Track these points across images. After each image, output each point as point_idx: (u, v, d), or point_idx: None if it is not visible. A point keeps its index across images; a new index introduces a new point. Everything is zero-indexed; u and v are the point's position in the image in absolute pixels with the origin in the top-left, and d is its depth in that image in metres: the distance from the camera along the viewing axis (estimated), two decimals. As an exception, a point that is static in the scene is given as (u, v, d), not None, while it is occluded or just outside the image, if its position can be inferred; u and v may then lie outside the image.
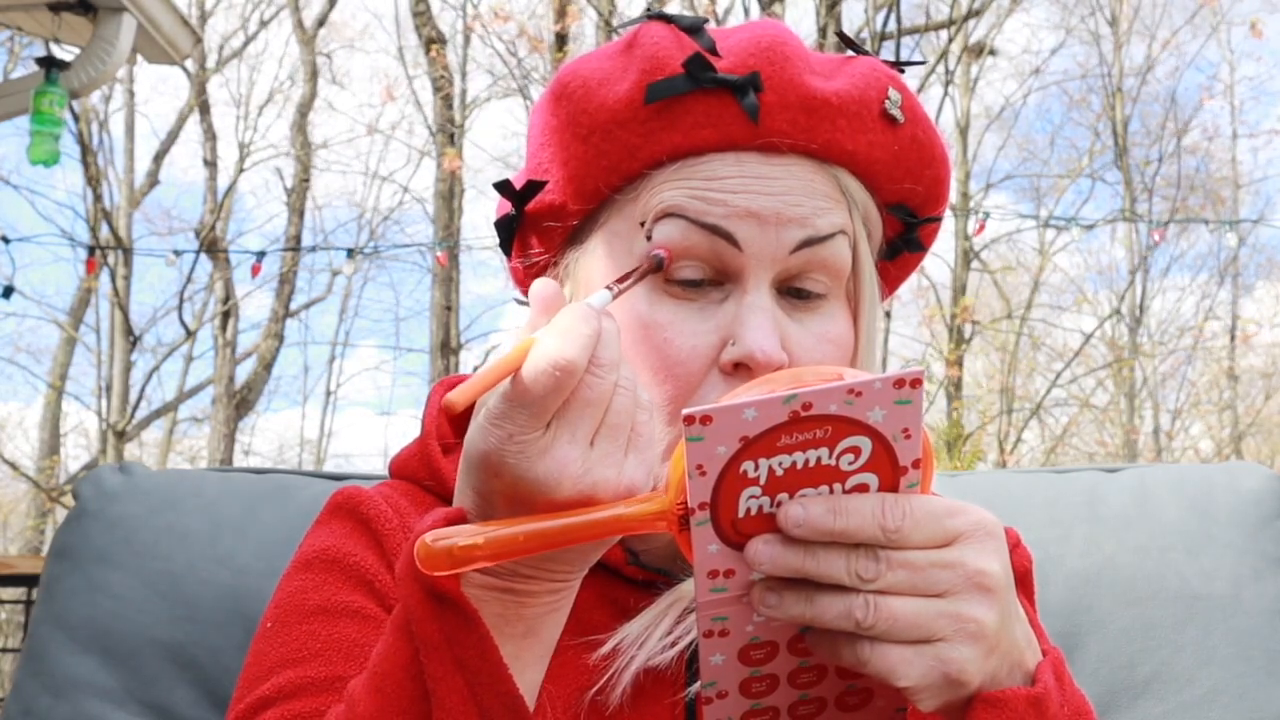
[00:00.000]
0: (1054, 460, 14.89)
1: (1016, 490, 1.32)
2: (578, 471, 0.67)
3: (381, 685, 0.72)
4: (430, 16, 12.84)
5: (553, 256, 0.95)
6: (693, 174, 0.86)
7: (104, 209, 13.14)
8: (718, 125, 0.86)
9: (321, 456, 16.85)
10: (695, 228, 0.85)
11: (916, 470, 0.67)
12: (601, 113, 0.88)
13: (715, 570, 0.68)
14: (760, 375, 0.81)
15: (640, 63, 0.87)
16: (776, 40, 0.87)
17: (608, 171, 0.88)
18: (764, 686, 0.72)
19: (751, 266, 0.85)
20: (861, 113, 0.88)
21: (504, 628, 0.71)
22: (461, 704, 0.70)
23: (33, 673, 1.16)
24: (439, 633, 0.70)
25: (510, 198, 0.94)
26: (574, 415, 0.67)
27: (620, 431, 0.69)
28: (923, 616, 0.66)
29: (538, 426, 0.67)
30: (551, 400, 0.66)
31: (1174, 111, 15.22)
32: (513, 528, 0.67)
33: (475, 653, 0.70)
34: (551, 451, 0.67)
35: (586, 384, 0.67)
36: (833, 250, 0.87)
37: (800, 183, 0.86)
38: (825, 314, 0.88)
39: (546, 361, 0.66)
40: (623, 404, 0.69)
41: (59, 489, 13.04)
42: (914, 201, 0.94)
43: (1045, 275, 15.26)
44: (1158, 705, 1.18)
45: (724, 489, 0.65)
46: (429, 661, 0.70)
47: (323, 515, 0.95)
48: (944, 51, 8.74)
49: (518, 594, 0.72)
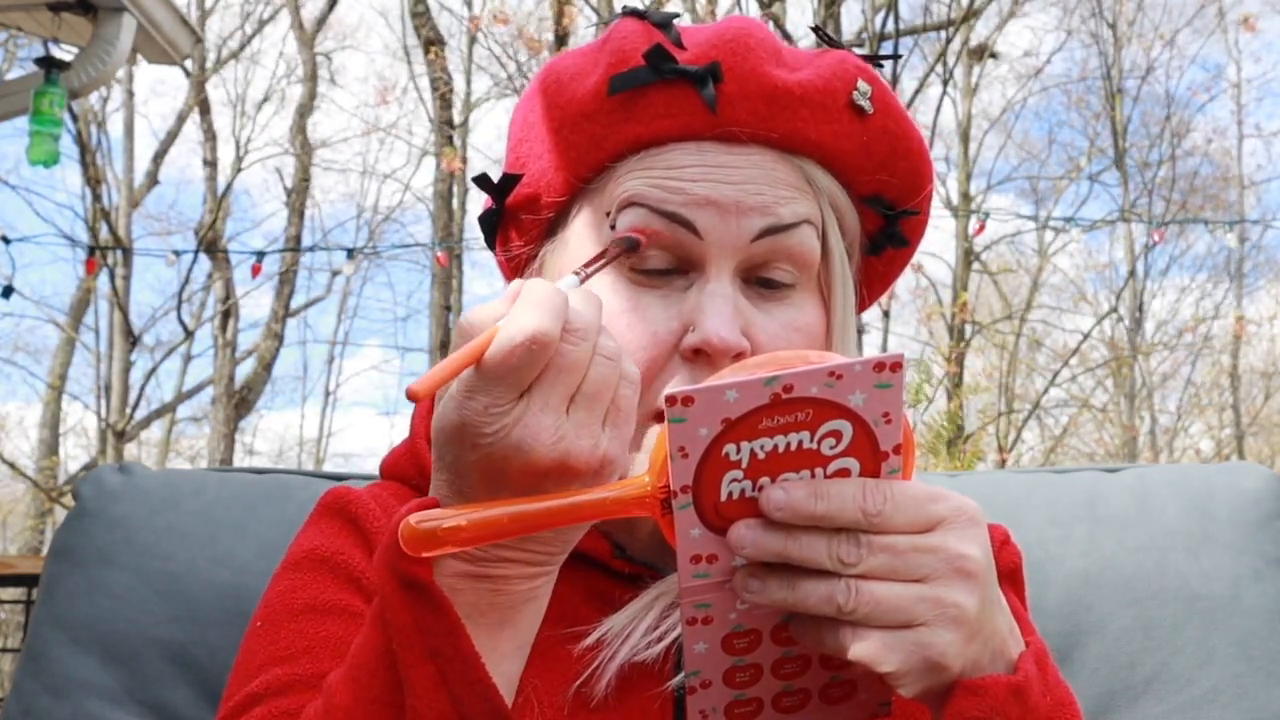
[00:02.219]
0: (1054, 460, 14.89)
1: (1016, 490, 1.32)
2: (550, 438, 0.68)
3: (357, 676, 0.72)
4: (429, 18, 12.84)
5: (532, 249, 0.96)
6: (654, 164, 0.87)
7: (103, 209, 13.13)
8: (678, 115, 0.87)
9: (321, 456, 16.85)
10: (656, 216, 0.86)
11: (898, 456, 0.68)
12: (571, 106, 0.90)
13: (698, 555, 0.68)
14: (719, 361, 0.83)
15: (608, 56, 0.89)
16: (741, 32, 0.88)
17: (576, 163, 0.90)
18: (747, 677, 0.72)
19: (713, 254, 0.86)
20: (826, 103, 0.88)
21: (478, 617, 0.72)
22: (433, 692, 0.70)
23: (33, 673, 1.16)
24: (410, 621, 0.70)
25: (490, 192, 0.96)
26: (548, 382, 0.68)
27: (598, 401, 0.70)
28: (904, 601, 0.66)
29: (513, 396, 0.68)
30: (527, 371, 0.67)
31: (1173, 112, 15.22)
32: (496, 509, 0.67)
33: (446, 641, 0.70)
34: (524, 419, 0.68)
35: (560, 351, 0.68)
36: (797, 239, 0.87)
37: (762, 172, 0.87)
38: (793, 304, 0.89)
39: (520, 332, 0.66)
40: (601, 374, 0.70)
41: (59, 489, 13.03)
42: (890, 194, 0.94)
43: (1045, 276, 15.28)
44: (1158, 705, 1.17)
45: (706, 472, 0.66)
46: (401, 650, 0.71)
47: (313, 515, 0.96)
48: (943, 52, 8.74)
49: (493, 580, 0.72)
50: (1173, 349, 15.80)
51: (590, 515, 0.69)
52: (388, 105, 15.30)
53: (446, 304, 12.81)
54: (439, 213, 13.21)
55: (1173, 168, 14.89)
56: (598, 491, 0.69)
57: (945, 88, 8.91)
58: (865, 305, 1.00)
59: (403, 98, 15.26)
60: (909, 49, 11.12)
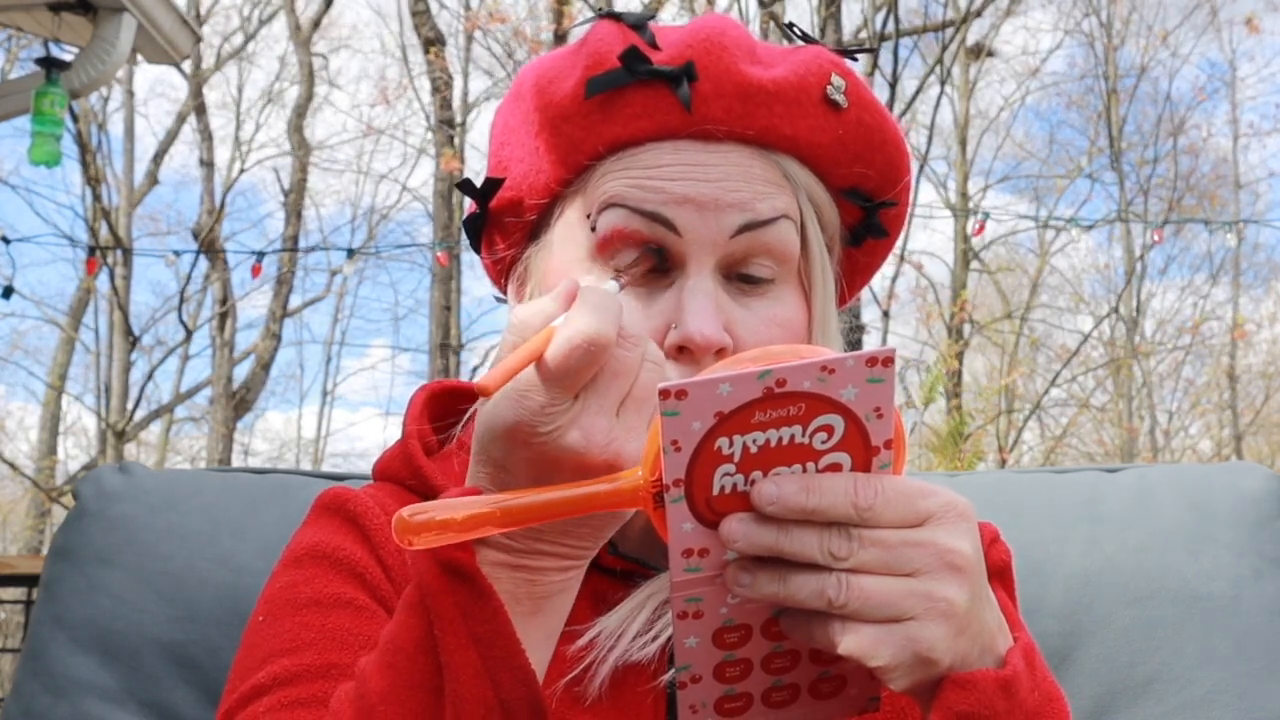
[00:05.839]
0: (1054, 460, 14.89)
1: (1016, 490, 1.32)
2: (604, 440, 0.70)
3: (393, 661, 0.73)
4: (429, 17, 12.84)
5: (516, 252, 0.97)
6: (633, 164, 0.88)
7: (103, 209, 13.13)
8: (654, 115, 0.88)
9: (320, 456, 16.85)
10: (636, 216, 0.87)
11: (889, 451, 0.68)
12: (550, 108, 0.91)
13: (690, 549, 0.68)
14: (702, 358, 0.84)
15: (585, 59, 0.90)
16: (715, 31, 0.89)
17: (555, 165, 0.91)
18: (738, 671, 0.73)
19: (693, 252, 0.87)
20: (800, 98, 0.89)
21: (514, 605, 0.73)
22: (475, 677, 0.71)
23: (33, 673, 1.16)
24: (454, 606, 0.71)
25: (474, 196, 0.97)
26: (603, 386, 0.70)
27: (646, 405, 0.72)
28: (894, 595, 0.67)
29: (568, 398, 0.69)
30: (585, 373, 0.69)
31: (1169, 112, 15.23)
32: (486, 500, 0.69)
33: (489, 627, 0.71)
34: (580, 420, 0.70)
35: (615, 356, 0.70)
36: (776, 234, 0.88)
37: (739, 169, 0.88)
38: (773, 298, 0.90)
39: (580, 336, 0.68)
40: (650, 379, 0.72)
41: (58, 489, 13.03)
42: (868, 186, 0.95)
43: (1044, 276, 15.28)
44: (1158, 705, 1.18)
45: (699, 466, 0.66)
46: (443, 635, 0.71)
47: (311, 515, 0.96)
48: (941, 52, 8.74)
49: (529, 570, 0.73)
50: (1171, 349, 15.81)
51: (583, 508, 0.69)
52: (389, 105, 15.30)
53: (446, 303, 12.81)
54: (438, 212, 13.21)
55: (1173, 166, 14.90)
56: (590, 485, 0.69)
57: (943, 87, 8.91)
58: (849, 296, 1.01)
59: (403, 95, 15.22)
60: (908, 49, 11.13)
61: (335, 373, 19.93)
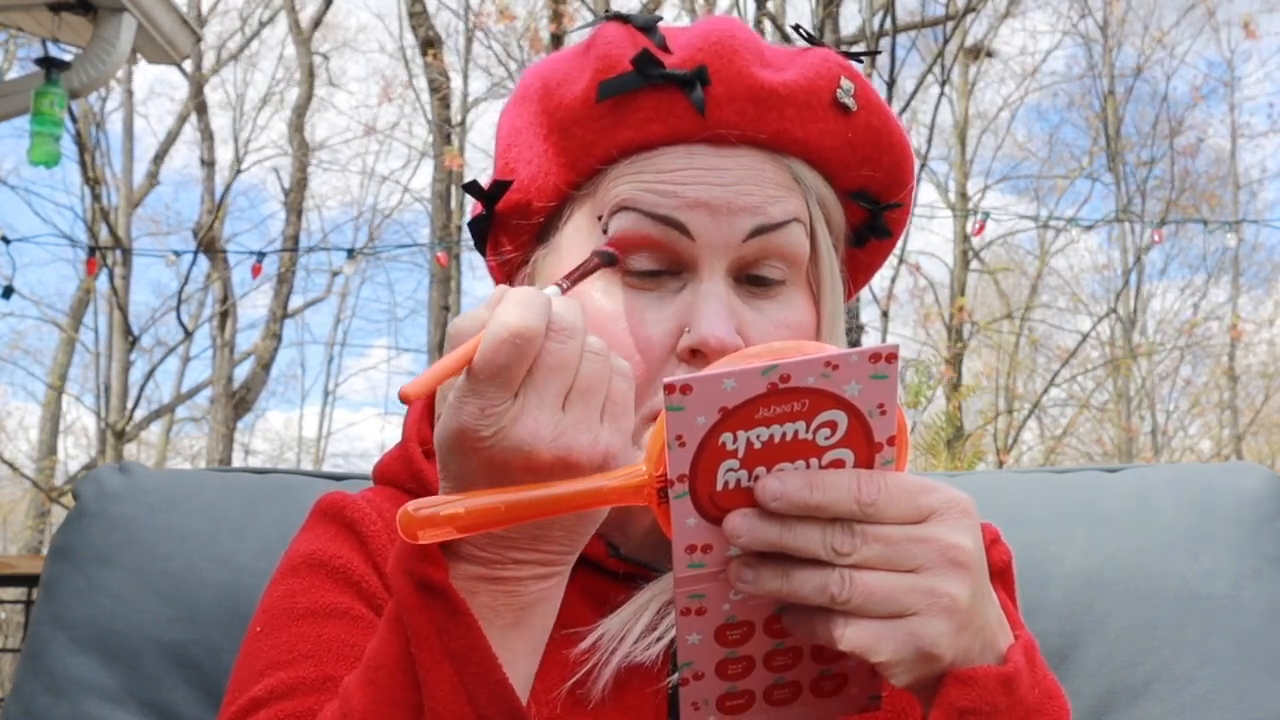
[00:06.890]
0: (1054, 460, 14.89)
1: (1016, 490, 1.32)
2: (550, 435, 0.69)
3: (374, 679, 0.73)
4: (426, 17, 12.83)
5: (523, 255, 0.97)
6: (645, 167, 0.88)
7: (103, 209, 13.13)
8: (667, 119, 0.88)
9: (321, 456, 16.85)
10: (649, 219, 0.87)
11: (891, 447, 0.68)
12: (559, 111, 0.90)
13: (693, 545, 0.69)
14: (715, 361, 0.83)
15: (594, 62, 0.89)
16: (725, 34, 0.89)
17: (566, 168, 0.91)
18: (740, 669, 0.73)
19: (705, 255, 0.87)
20: (811, 102, 0.89)
21: (493, 619, 0.73)
22: (451, 694, 0.70)
23: (33, 673, 1.16)
24: (428, 623, 0.71)
25: (480, 198, 0.96)
26: (540, 381, 0.69)
27: (593, 397, 0.71)
28: (896, 591, 0.67)
29: (506, 396, 0.69)
30: (516, 368, 0.68)
31: (1167, 112, 15.22)
32: (492, 497, 0.68)
33: (464, 643, 0.71)
34: (522, 419, 0.69)
35: (547, 350, 0.69)
36: (788, 237, 0.88)
37: (751, 172, 0.88)
38: (784, 300, 0.90)
39: (504, 329, 0.68)
40: (593, 369, 0.71)
41: (58, 489, 13.03)
42: (874, 188, 0.95)
43: (1043, 277, 15.27)
44: (1158, 705, 1.18)
45: (703, 461, 0.66)
46: (419, 652, 0.71)
47: (308, 521, 0.96)
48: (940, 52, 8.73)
49: (506, 582, 0.73)
50: (1170, 349, 15.81)
51: (587, 503, 0.69)
52: (391, 102, 15.28)
53: (445, 304, 12.81)
54: (437, 213, 13.20)
55: (1171, 167, 14.90)
56: (595, 480, 0.69)
57: (943, 88, 8.90)
58: (849, 295, 1.01)
59: (403, 94, 15.21)
60: (906, 49, 11.13)
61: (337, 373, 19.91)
